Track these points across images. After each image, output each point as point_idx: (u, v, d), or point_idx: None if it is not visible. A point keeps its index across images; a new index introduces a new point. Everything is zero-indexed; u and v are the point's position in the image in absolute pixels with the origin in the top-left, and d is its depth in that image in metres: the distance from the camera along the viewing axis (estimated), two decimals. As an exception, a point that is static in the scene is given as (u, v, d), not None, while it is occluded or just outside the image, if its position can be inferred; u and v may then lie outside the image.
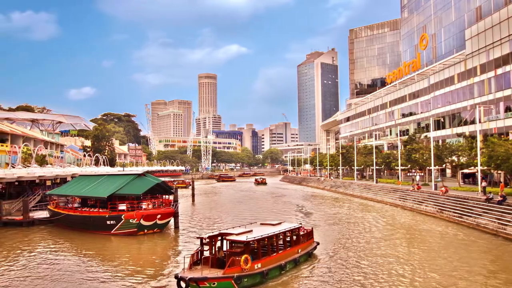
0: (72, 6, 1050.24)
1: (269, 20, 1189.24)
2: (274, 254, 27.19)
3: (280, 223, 31.18)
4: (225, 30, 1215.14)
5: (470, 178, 70.93)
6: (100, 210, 44.01)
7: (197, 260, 25.32)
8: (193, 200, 78.00)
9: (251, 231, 27.33)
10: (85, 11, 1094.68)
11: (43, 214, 52.16)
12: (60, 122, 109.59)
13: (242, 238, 25.37)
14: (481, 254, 32.24)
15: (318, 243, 33.06)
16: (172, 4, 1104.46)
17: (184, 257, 25.63)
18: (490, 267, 28.55)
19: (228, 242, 26.26)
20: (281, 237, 28.86)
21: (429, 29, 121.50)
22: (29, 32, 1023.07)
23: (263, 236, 26.37)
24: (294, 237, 30.35)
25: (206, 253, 26.16)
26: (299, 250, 29.76)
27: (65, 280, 26.79)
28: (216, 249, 26.17)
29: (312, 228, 34.28)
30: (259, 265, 25.17)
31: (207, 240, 25.98)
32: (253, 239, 25.42)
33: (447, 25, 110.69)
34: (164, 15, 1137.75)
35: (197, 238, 26.81)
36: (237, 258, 24.21)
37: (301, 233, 31.50)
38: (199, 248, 26.17)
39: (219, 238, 26.84)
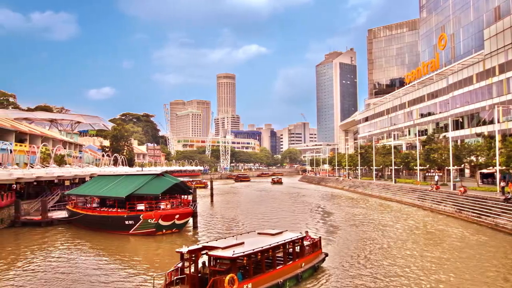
0: (92, 6, 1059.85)
1: (288, 20, 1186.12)
2: (270, 270, 23.32)
3: (280, 233, 26.96)
4: (245, 30, 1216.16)
5: (488, 178, 70.92)
6: (119, 210, 43.95)
7: (176, 279, 21.77)
8: (211, 200, 78.10)
9: (243, 243, 23.09)
10: (105, 11, 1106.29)
11: (62, 214, 52.21)
12: (78, 122, 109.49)
13: (228, 253, 20.97)
14: (502, 254, 32.24)
15: (326, 255, 29.44)
16: (192, 4, 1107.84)
17: (153, 277, 23.32)
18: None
19: (211, 258, 22.53)
20: (279, 249, 24.70)
21: (447, 29, 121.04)
22: (49, 32, 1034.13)
23: (255, 250, 22.09)
24: (297, 249, 26.52)
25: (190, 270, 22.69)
26: (303, 264, 25.91)
27: (83, 280, 26.75)
28: (201, 266, 22.65)
29: (320, 237, 30.36)
30: (250, 286, 21.50)
31: (188, 254, 22.26)
32: (241, 254, 21.10)
33: (465, 25, 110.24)
34: (184, 15, 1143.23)
35: (177, 252, 22.82)
36: (222, 277, 20.47)
37: (306, 243, 27.81)
38: (179, 265, 22.41)
39: (203, 252, 22.96)
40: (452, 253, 33.03)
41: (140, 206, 43.12)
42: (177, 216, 43.37)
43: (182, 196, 48.82)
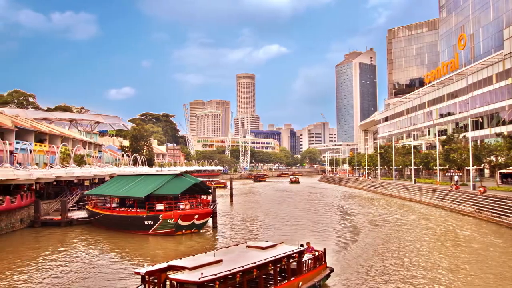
0: (111, 6, 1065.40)
1: (309, 20, 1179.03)
2: None
3: (274, 245, 22.39)
4: (266, 30, 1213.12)
5: (508, 178, 71.05)
6: (138, 210, 43.88)
7: None
8: (231, 200, 78.54)
9: (220, 261, 18.82)
10: (125, 11, 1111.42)
11: (81, 214, 52.22)
12: (98, 122, 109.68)
13: (193, 277, 16.55)
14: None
15: (332, 270, 25.20)
16: (212, 4, 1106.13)
17: None
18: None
19: (173, 283, 17.93)
20: (268, 267, 19.85)
21: (467, 29, 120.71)
22: (69, 33, 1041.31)
23: (232, 271, 17.47)
24: (293, 265, 21.94)
25: None
26: (300, 284, 21.46)
27: (100, 278, 26.88)
28: None
29: (324, 249, 25.65)
30: None
31: (147, 276, 18.23)
32: (212, 277, 16.52)
33: (485, 25, 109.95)
34: (204, 15, 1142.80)
35: (136, 273, 19.25)
36: None
37: (308, 256, 23.68)
38: None
39: (169, 273, 18.63)
40: (473, 254, 32.90)
41: (160, 206, 43.13)
42: (196, 216, 43.38)
43: (202, 196, 48.80)
